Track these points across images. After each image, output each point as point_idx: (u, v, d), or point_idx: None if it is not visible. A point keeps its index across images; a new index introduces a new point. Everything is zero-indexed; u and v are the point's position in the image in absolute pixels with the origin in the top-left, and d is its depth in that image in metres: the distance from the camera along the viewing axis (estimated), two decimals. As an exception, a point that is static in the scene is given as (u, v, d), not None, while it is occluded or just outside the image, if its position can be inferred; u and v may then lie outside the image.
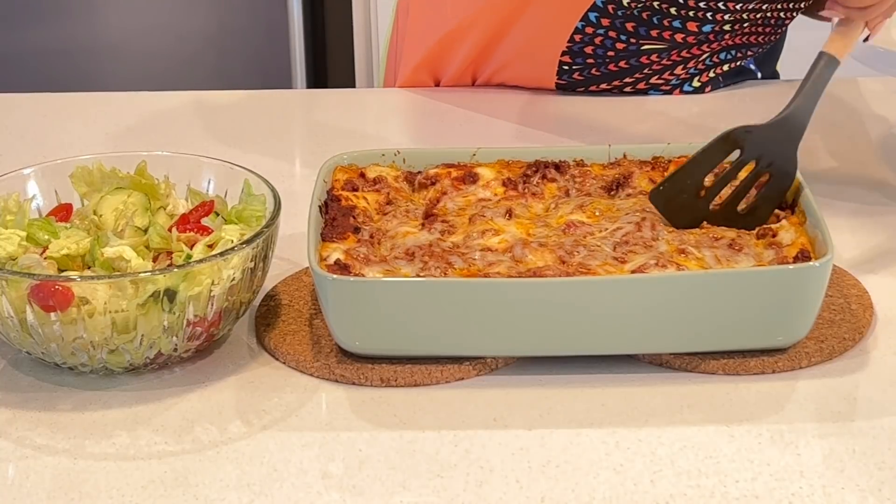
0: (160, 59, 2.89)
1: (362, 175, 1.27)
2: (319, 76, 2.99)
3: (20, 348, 1.12)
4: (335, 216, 1.20)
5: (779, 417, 1.08)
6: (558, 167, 1.28)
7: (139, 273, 1.08)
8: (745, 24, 1.60)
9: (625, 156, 1.29)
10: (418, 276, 1.13)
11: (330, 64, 3.00)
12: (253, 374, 1.14)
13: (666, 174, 1.26)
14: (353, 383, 1.12)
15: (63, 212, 1.21)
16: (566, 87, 1.63)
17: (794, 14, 1.62)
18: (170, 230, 1.17)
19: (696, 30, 1.57)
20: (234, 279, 1.11)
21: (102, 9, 2.86)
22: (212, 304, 1.10)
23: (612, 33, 1.57)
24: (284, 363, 1.15)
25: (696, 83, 1.64)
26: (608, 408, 1.09)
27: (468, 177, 1.27)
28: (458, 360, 1.12)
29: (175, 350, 1.12)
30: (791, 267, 1.10)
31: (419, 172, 1.29)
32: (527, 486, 1.00)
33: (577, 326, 1.10)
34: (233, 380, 1.13)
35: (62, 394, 1.12)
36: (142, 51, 2.88)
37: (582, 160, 1.29)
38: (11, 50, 2.86)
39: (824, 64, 1.25)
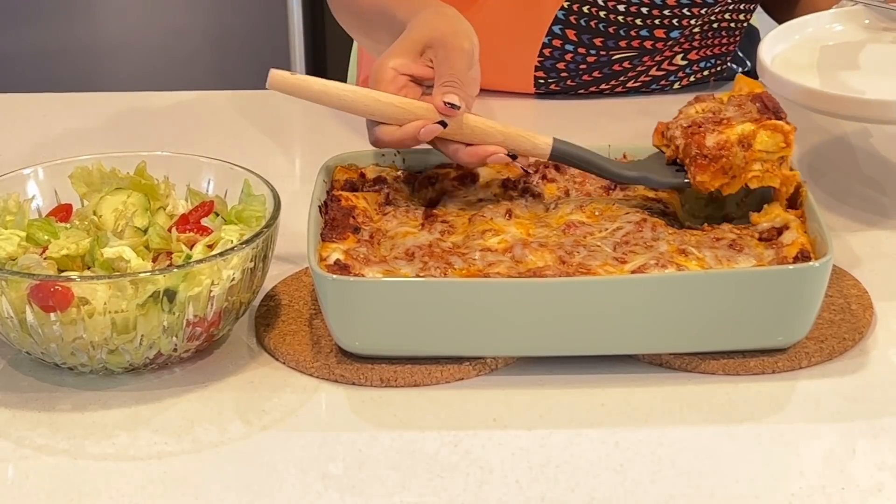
0: (160, 59, 2.88)
1: (362, 175, 1.27)
2: (319, 76, 2.99)
3: (20, 348, 1.12)
4: (335, 216, 1.20)
5: (779, 417, 1.07)
6: (558, 167, 1.28)
7: (139, 273, 1.08)
8: (714, 25, 1.60)
9: (624, 156, 1.29)
10: (418, 276, 1.12)
11: (330, 64, 3.00)
12: (253, 375, 1.14)
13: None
14: (353, 383, 1.12)
15: (63, 212, 1.21)
16: (544, 95, 1.64)
17: (752, 11, 1.63)
18: (169, 230, 1.17)
19: (664, 36, 1.58)
20: (233, 279, 1.11)
21: (102, 9, 2.85)
22: (211, 305, 1.10)
23: (581, 49, 1.58)
24: (284, 363, 1.15)
25: (676, 87, 1.64)
26: (608, 408, 1.08)
27: (468, 177, 1.27)
28: (458, 360, 1.12)
29: (175, 350, 1.12)
30: (791, 267, 1.10)
31: (419, 172, 1.29)
32: (527, 486, 1.00)
33: (577, 326, 1.10)
34: (233, 380, 1.13)
35: (62, 394, 1.11)
36: (142, 51, 2.88)
37: (582, 160, 1.29)
38: (11, 50, 2.86)
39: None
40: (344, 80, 1.85)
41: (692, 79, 1.65)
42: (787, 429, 1.06)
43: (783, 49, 1.38)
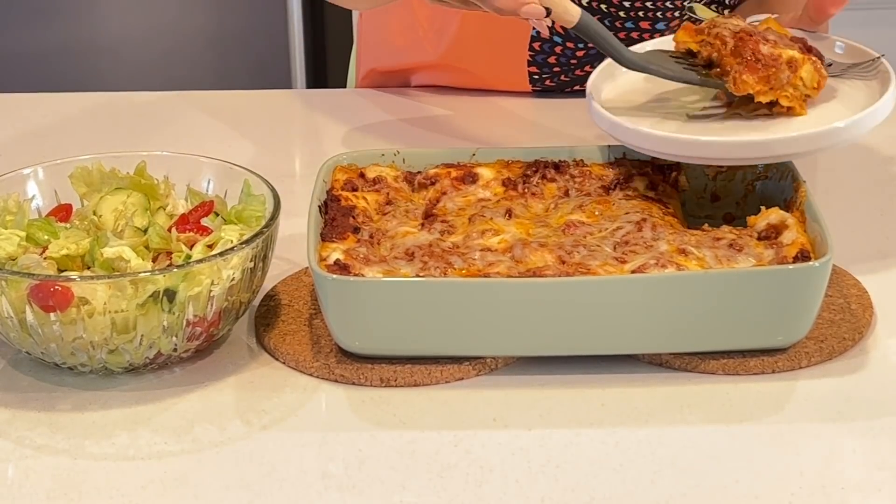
0: (160, 59, 2.88)
1: (362, 175, 1.27)
2: (319, 76, 2.99)
3: (20, 348, 1.12)
4: (335, 216, 1.20)
5: (779, 417, 1.08)
6: (558, 167, 1.28)
7: (139, 273, 1.08)
8: None
9: (624, 155, 1.29)
10: (418, 276, 1.13)
11: (330, 64, 3.00)
12: (253, 374, 1.14)
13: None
14: (353, 383, 1.12)
15: (63, 212, 1.22)
16: (541, 93, 1.64)
17: (737, 3, 1.63)
18: (169, 230, 1.17)
19: (649, 27, 1.58)
20: (233, 279, 1.11)
21: (102, 9, 2.85)
22: (211, 304, 1.10)
23: (569, 43, 1.59)
24: (284, 363, 1.15)
25: None
26: (608, 408, 1.09)
27: (468, 177, 1.27)
28: (457, 360, 1.12)
29: (175, 350, 1.12)
30: (791, 267, 1.10)
31: (419, 172, 1.29)
32: (527, 486, 1.00)
33: (577, 326, 1.10)
34: (233, 380, 1.13)
35: (62, 394, 1.12)
36: (142, 51, 2.88)
37: (581, 160, 1.29)
38: (11, 50, 2.86)
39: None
40: (344, 80, 1.86)
41: None
42: (787, 429, 1.06)
43: (612, 86, 1.36)
